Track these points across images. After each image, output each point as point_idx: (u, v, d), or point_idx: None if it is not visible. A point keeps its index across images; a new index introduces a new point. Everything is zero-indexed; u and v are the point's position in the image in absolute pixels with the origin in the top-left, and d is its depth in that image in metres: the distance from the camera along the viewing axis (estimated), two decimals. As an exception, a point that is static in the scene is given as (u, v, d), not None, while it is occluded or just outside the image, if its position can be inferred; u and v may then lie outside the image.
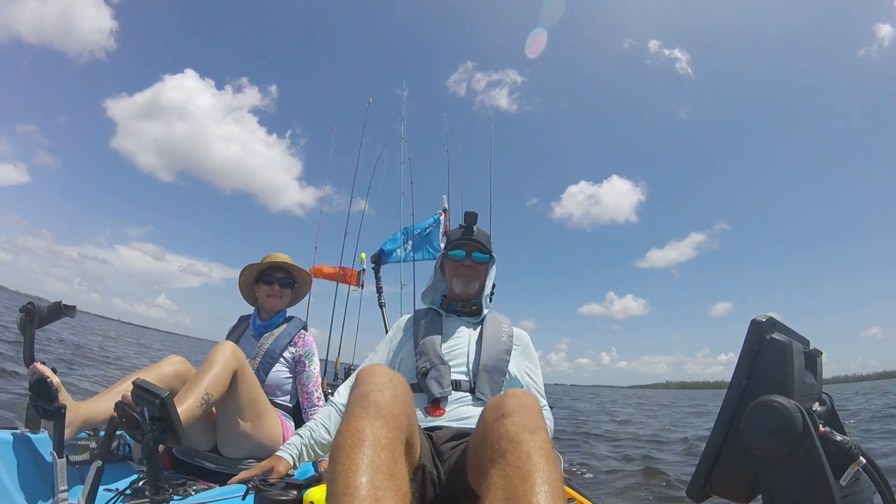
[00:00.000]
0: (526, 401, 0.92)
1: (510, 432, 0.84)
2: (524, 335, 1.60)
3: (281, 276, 2.08)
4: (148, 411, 1.10)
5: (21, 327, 1.36)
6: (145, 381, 1.13)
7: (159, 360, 1.67)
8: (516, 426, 0.85)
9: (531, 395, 0.97)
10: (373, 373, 0.94)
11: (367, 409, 0.84)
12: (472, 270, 1.59)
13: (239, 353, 1.61)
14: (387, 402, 0.86)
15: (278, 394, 1.96)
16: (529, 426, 0.85)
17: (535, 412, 0.90)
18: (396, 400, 0.88)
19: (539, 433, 0.85)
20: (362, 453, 0.75)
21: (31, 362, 1.35)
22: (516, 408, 0.89)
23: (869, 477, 0.70)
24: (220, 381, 1.49)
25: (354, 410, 0.85)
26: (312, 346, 2.07)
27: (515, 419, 0.86)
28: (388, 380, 0.92)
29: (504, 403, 0.91)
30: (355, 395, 0.89)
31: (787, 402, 0.67)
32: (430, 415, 1.30)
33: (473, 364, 1.42)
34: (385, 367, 0.98)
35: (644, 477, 4.32)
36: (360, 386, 0.91)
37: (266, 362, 1.93)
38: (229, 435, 1.67)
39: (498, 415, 0.89)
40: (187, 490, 1.38)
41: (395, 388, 0.91)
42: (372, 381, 0.91)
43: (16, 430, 1.36)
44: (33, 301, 1.38)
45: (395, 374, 0.97)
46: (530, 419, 0.87)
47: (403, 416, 0.88)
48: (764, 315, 0.77)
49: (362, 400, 0.86)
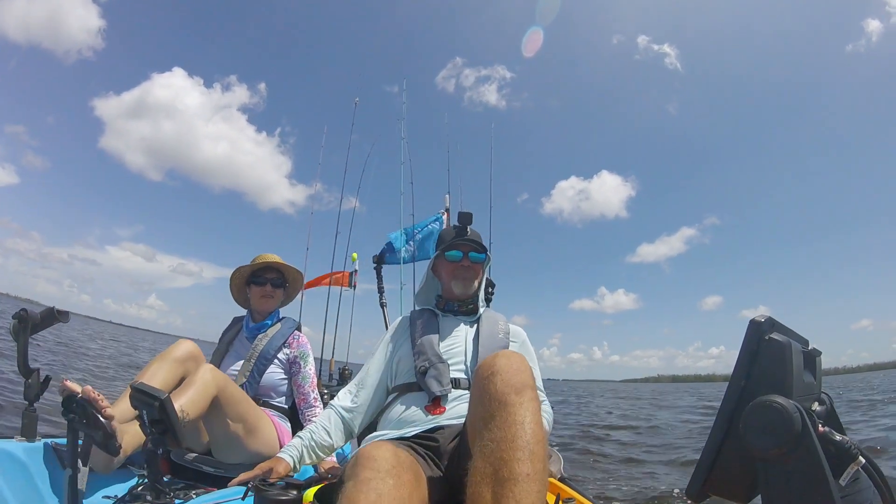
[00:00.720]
0: (514, 360, 0.97)
1: (499, 392, 0.89)
2: (521, 332, 1.61)
3: (272, 277, 2.06)
4: (147, 414, 1.08)
5: (14, 334, 1.35)
6: (143, 383, 1.12)
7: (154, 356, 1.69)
8: (504, 385, 0.90)
9: (520, 355, 1.00)
10: (373, 457, 0.88)
11: (367, 496, 0.80)
12: (472, 271, 1.58)
13: (219, 376, 1.57)
14: (389, 491, 0.82)
15: (273, 395, 1.95)
16: (517, 385, 0.90)
17: (523, 371, 0.95)
18: (400, 489, 0.84)
19: (525, 391, 0.90)
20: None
21: (26, 370, 1.33)
22: (504, 367, 0.94)
23: (868, 477, 0.70)
24: (196, 403, 1.47)
25: (352, 497, 0.81)
26: (307, 346, 2.06)
27: (504, 377, 0.91)
28: (390, 466, 0.87)
29: (494, 362, 0.96)
30: (353, 482, 0.84)
31: (786, 402, 0.67)
32: (431, 413, 1.30)
33: (471, 362, 1.42)
34: (388, 449, 0.92)
35: (644, 477, 4.34)
36: (359, 472, 0.85)
37: (260, 364, 1.92)
38: (223, 447, 1.67)
39: (488, 373, 0.94)
40: (187, 494, 1.37)
41: (399, 476, 0.86)
42: (373, 466, 0.85)
43: (11, 440, 1.34)
44: (26, 307, 1.36)
45: (400, 455, 0.92)
46: (518, 377, 0.92)
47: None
48: (763, 315, 0.77)
49: (361, 486, 0.82)
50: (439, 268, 1.65)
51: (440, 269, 1.64)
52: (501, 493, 0.77)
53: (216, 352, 2.03)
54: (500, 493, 0.78)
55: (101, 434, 1.11)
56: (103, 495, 1.36)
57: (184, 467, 1.66)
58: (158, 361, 1.62)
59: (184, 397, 1.45)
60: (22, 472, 1.26)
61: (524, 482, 0.78)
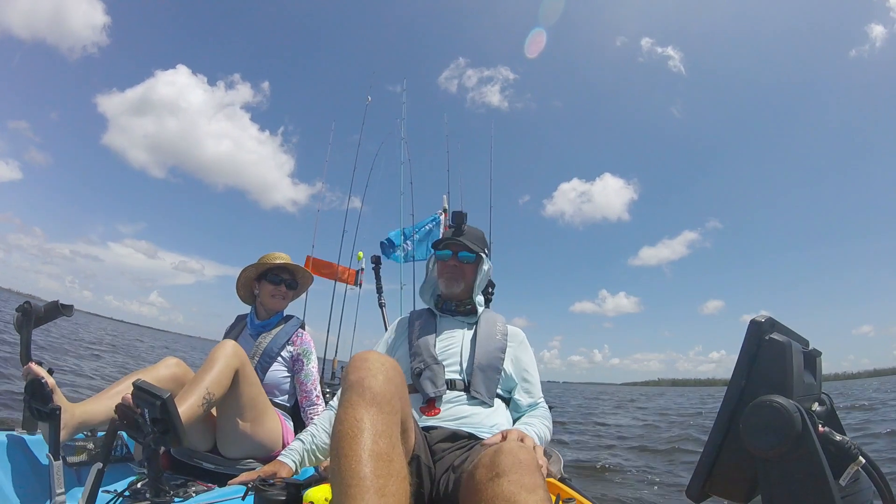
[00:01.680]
0: (522, 457, 0.85)
1: (506, 493, 0.78)
2: (519, 332, 1.61)
3: (287, 278, 2.07)
4: (149, 413, 1.09)
5: (18, 327, 1.35)
6: (146, 382, 1.12)
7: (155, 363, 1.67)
8: (513, 486, 0.79)
9: (527, 449, 0.89)
10: (365, 358, 0.96)
11: (363, 397, 0.86)
12: (458, 270, 1.59)
13: (240, 351, 1.61)
14: (380, 387, 0.88)
15: (277, 393, 1.96)
16: (528, 486, 0.79)
17: (533, 469, 0.83)
18: (389, 384, 0.90)
19: (537, 492, 0.79)
20: (363, 443, 0.78)
21: (27, 363, 1.34)
22: (512, 466, 0.82)
23: (868, 477, 0.70)
24: (221, 381, 1.48)
25: (351, 398, 0.87)
26: (310, 344, 2.07)
27: (512, 479, 0.80)
28: (380, 364, 0.94)
29: (498, 461, 0.84)
30: (349, 381, 0.91)
31: (786, 402, 0.67)
32: (425, 414, 1.30)
33: (468, 363, 1.42)
34: (377, 353, 1.00)
35: (644, 476, 4.33)
36: (353, 372, 0.93)
37: (264, 361, 1.92)
38: (229, 435, 1.66)
39: (492, 474, 0.82)
40: (187, 491, 1.37)
41: (387, 371, 0.93)
42: (364, 366, 0.93)
43: (12, 432, 1.35)
44: (29, 301, 1.37)
45: (387, 358, 0.99)
46: (528, 478, 0.80)
47: (396, 399, 0.91)
48: (763, 315, 0.76)
49: (357, 386, 0.88)
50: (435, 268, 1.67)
51: (436, 269, 1.66)
52: None
53: None
54: None
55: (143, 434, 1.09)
56: (103, 489, 1.36)
57: (184, 463, 1.66)
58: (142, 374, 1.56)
59: (209, 376, 1.45)
60: (23, 463, 1.26)
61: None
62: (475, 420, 1.30)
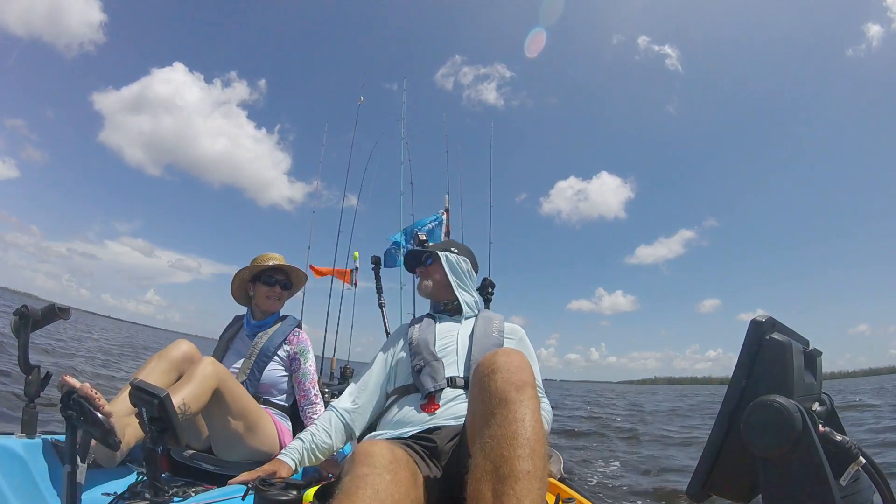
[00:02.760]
0: (514, 357, 0.96)
1: (499, 390, 0.88)
2: (518, 329, 1.62)
3: (282, 279, 2.06)
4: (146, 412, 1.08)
5: (15, 331, 1.35)
6: (143, 381, 1.12)
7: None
8: (504, 383, 0.89)
9: (520, 352, 0.99)
10: (370, 453, 0.88)
11: (364, 491, 0.80)
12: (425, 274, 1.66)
13: (220, 369, 1.58)
14: (386, 487, 0.82)
15: (274, 393, 1.95)
16: (517, 382, 0.89)
17: (524, 368, 0.94)
18: (398, 485, 0.84)
19: (526, 389, 0.89)
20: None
21: (26, 366, 1.33)
22: (504, 364, 0.93)
23: (869, 477, 0.70)
24: (197, 396, 1.46)
25: (350, 491, 0.81)
26: (307, 343, 2.06)
27: (504, 375, 0.90)
28: (387, 462, 0.87)
29: (494, 360, 0.95)
30: (350, 476, 0.84)
31: (786, 402, 0.67)
32: (425, 410, 1.31)
33: (466, 360, 1.43)
34: (385, 446, 0.92)
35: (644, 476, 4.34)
36: (356, 468, 0.86)
37: (261, 361, 1.91)
38: (222, 444, 1.67)
39: (488, 370, 0.93)
40: (186, 492, 1.36)
41: (396, 472, 0.86)
42: (370, 462, 0.86)
43: (11, 436, 1.34)
44: (27, 304, 1.36)
45: (396, 452, 0.93)
46: (518, 375, 0.91)
47: (406, 502, 0.84)
48: (763, 315, 0.77)
49: (359, 482, 0.82)
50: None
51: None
52: (502, 490, 0.77)
53: (217, 349, 2.03)
54: (500, 491, 0.77)
55: (101, 431, 1.11)
56: (102, 492, 1.35)
57: (183, 464, 1.66)
58: (156, 360, 1.61)
59: (184, 390, 1.44)
60: (21, 468, 1.26)
61: (525, 479, 0.77)
62: None
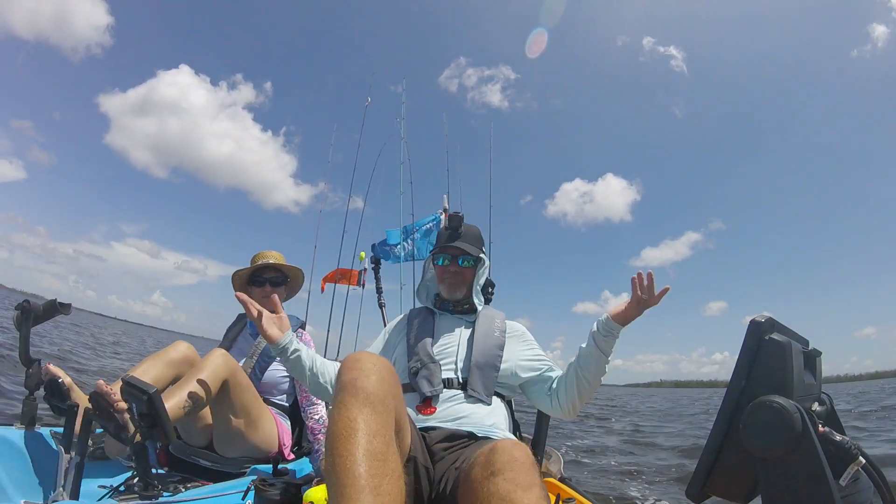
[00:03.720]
0: (517, 454, 0.85)
1: (502, 491, 0.79)
2: (518, 326, 1.60)
3: (271, 276, 2.05)
4: (136, 407, 1.10)
5: (17, 325, 1.37)
6: (134, 377, 1.14)
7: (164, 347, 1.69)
8: (509, 484, 0.80)
9: (522, 446, 0.90)
10: (357, 359, 0.96)
11: (356, 397, 0.86)
12: (459, 276, 1.58)
13: (231, 361, 1.59)
14: (373, 387, 0.88)
15: (275, 393, 1.95)
16: (523, 484, 0.80)
17: (528, 466, 0.84)
18: (382, 384, 0.90)
19: (533, 490, 0.80)
20: (357, 443, 0.78)
21: (27, 360, 1.35)
22: (507, 463, 0.83)
23: (868, 477, 0.70)
24: (207, 387, 1.47)
25: (344, 399, 0.86)
26: (310, 344, 2.06)
27: (507, 476, 0.81)
28: (372, 364, 0.94)
29: (494, 460, 0.85)
30: (342, 382, 0.91)
31: (786, 403, 0.67)
32: (422, 413, 1.30)
33: (464, 362, 1.42)
34: (369, 353, 0.99)
35: (644, 476, 4.33)
36: (345, 373, 0.93)
37: (262, 361, 1.91)
38: (225, 438, 1.67)
39: (488, 472, 0.83)
40: (178, 487, 1.37)
41: (379, 372, 0.93)
42: (357, 367, 0.93)
43: (10, 427, 1.36)
44: (28, 299, 1.37)
45: (380, 358, 0.99)
46: (524, 476, 0.81)
47: (390, 398, 0.90)
48: (763, 315, 0.77)
49: (350, 387, 0.88)
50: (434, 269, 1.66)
51: (434, 270, 1.66)
52: None
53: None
54: None
55: (114, 425, 1.15)
56: (98, 485, 1.36)
57: (181, 460, 1.66)
58: (152, 360, 1.62)
59: (194, 381, 1.45)
60: (21, 459, 1.27)
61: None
62: (473, 419, 1.29)
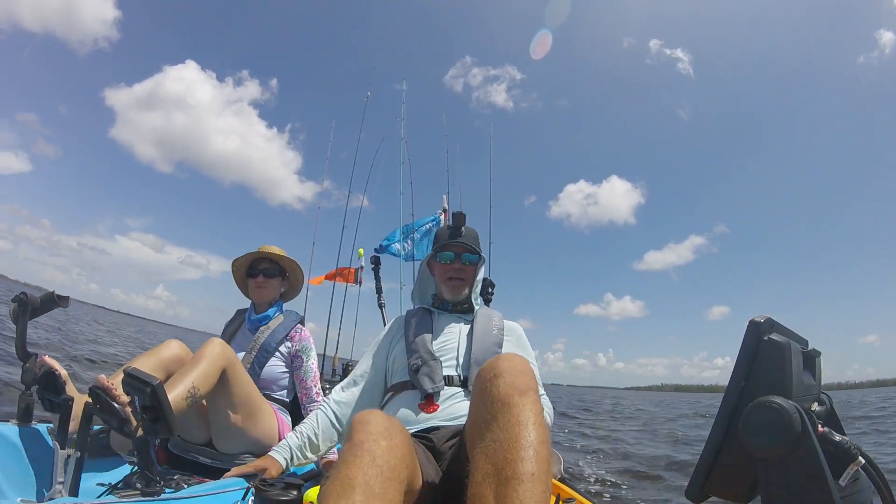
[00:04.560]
0: (517, 362, 0.95)
1: (502, 394, 0.87)
2: (516, 327, 1.60)
3: (265, 267, 2.06)
4: (139, 400, 1.07)
5: (14, 318, 1.34)
6: (136, 368, 1.11)
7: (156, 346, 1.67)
8: (507, 387, 0.88)
9: (522, 357, 0.99)
10: (367, 421, 0.89)
11: (361, 458, 0.80)
12: (462, 273, 1.58)
13: (228, 350, 1.58)
14: (382, 453, 0.82)
15: (275, 388, 1.95)
16: (520, 387, 0.88)
17: (526, 373, 0.93)
18: (394, 451, 0.84)
19: (529, 394, 0.88)
20: (351, 501, 0.72)
21: (24, 354, 1.33)
22: (507, 369, 0.92)
23: (868, 477, 0.70)
24: (207, 378, 1.46)
25: (346, 458, 0.81)
26: (309, 340, 2.06)
27: (507, 380, 0.89)
28: (383, 429, 0.87)
29: (496, 365, 0.94)
30: (348, 445, 0.85)
31: (785, 403, 0.67)
32: (424, 410, 1.30)
33: (464, 359, 1.42)
34: (381, 415, 0.93)
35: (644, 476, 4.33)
36: (353, 436, 0.86)
37: (261, 356, 1.91)
38: (223, 432, 1.65)
39: (491, 375, 0.92)
40: (180, 484, 1.36)
41: (391, 438, 0.86)
42: (366, 430, 0.86)
43: (6, 423, 1.34)
44: (26, 291, 1.36)
45: (393, 421, 0.93)
46: (521, 380, 0.90)
47: (402, 467, 0.84)
48: (762, 315, 0.77)
49: (356, 449, 0.82)
50: (433, 268, 1.65)
51: (434, 269, 1.64)
52: (505, 493, 0.75)
53: None
54: (503, 494, 0.75)
55: (117, 420, 1.14)
56: (97, 482, 1.35)
57: (180, 458, 1.65)
58: (145, 358, 1.59)
59: (193, 372, 1.44)
60: (17, 455, 1.25)
61: (528, 482, 0.75)
62: None
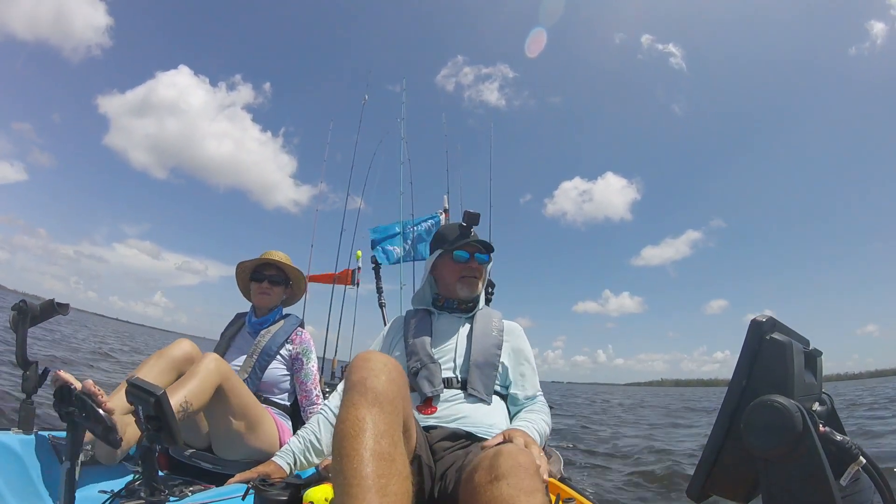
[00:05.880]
0: (521, 459, 0.84)
1: (505, 496, 0.78)
2: (515, 327, 1.59)
3: (271, 274, 2.07)
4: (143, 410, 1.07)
5: (13, 326, 1.34)
6: (139, 378, 1.11)
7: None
8: (512, 489, 0.78)
9: (526, 452, 0.90)
10: (367, 358, 0.96)
11: (365, 397, 0.85)
12: (477, 272, 1.58)
13: (224, 366, 1.58)
14: (383, 388, 0.88)
15: (276, 391, 1.96)
16: (526, 489, 0.79)
17: (532, 472, 0.83)
18: (392, 384, 0.90)
19: (536, 496, 0.79)
20: (364, 443, 0.78)
21: (24, 362, 1.33)
22: (511, 469, 0.82)
23: (869, 477, 0.70)
24: (200, 393, 1.46)
25: (353, 398, 0.86)
26: (310, 343, 2.07)
27: (511, 482, 0.80)
28: (382, 364, 0.94)
29: (497, 464, 0.84)
30: (351, 381, 0.90)
31: (786, 402, 0.67)
32: (423, 413, 1.30)
33: (464, 361, 1.42)
34: (379, 353, 1.00)
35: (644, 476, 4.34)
36: (355, 372, 0.92)
37: (263, 360, 1.92)
38: (223, 442, 1.66)
39: (491, 477, 0.82)
40: (183, 491, 1.36)
41: (389, 372, 0.93)
42: (367, 366, 0.93)
43: (8, 432, 1.34)
44: (25, 299, 1.36)
45: (390, 358, 0.99)
46: (527, 481, 0.80)
47: (399, 399, 0.90)
48: (764, 315, 0.77)
49: (359, 386, 0.88)
50: (441, 267, 1.61)
51: (443, 268, 1.60)
52: None
53: (218, 346, 2.03)
54: None
55: (102, 428, 1.12)
56: (99, 490, 1.35)
57: (182, 463, 1.65)
58: (155, 358, 1.60)
59: (186, 387, 1.44)
60: (18, 464, 1.25)
61: None
62: (473, 419, 1.30)
